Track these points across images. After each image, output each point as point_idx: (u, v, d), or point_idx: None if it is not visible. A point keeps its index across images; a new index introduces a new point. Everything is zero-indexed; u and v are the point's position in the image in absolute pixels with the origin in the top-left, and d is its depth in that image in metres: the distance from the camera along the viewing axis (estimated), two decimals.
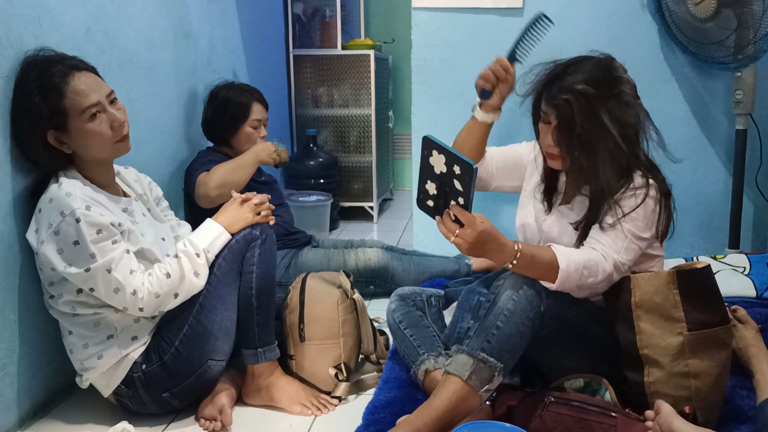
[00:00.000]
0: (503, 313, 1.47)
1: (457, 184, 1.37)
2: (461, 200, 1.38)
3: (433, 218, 1.45)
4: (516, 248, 1.44)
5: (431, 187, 1.43)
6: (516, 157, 1.88)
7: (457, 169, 1.35)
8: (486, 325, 1.48)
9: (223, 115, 2.52)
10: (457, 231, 1.39)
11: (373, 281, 2.58)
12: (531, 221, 1.76)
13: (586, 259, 1.49)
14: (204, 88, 2.70)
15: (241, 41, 3.27)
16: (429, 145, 1.40)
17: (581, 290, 1.51)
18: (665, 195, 1.57)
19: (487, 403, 1.58)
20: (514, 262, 1.45)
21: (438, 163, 1.39)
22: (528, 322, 1.48)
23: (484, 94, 1.81)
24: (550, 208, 1.73)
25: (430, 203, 1.45)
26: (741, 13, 2.26)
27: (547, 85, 1.59)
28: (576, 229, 1.61)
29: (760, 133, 2.65)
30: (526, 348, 1.50)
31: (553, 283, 1.48)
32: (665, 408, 1.36)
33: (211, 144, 2.62)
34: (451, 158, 1.36)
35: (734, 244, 2.65)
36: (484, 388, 1.45)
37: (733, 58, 2.44)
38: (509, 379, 1.67)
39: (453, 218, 1.39)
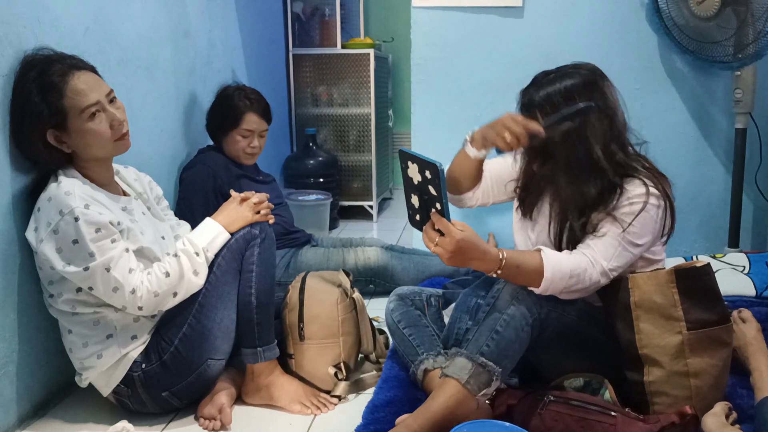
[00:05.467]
0: (503, 317, 1.47)
1: (432, 190, 1.32)
2: (438, 206, 1.33)
3: (422, 231, 1.41)
4: (501, 257, 1.41)
5: (415, 201, 1.39)
6: (506, 167, 1.82)
7: (428, 174, 1.31)
8: (485, 328, 1.47)
9: (217, 113, 2.53)
10: (437, 240, 1.33)
11: (372, 280, 2.58)
12: (523, 233, 1.74)
13: (573, 266, 1.46)
14: (203, 86, 2.70)
15: (241, 40, 3.26)
16: (404, 157, 1.36)
17: (566, 295, 1.49)
18: (669, 202, 1.54)
19: (487, 402, 1.58)
20: (499, 271, 1.42)
21: (414, 173, 1.36)
22: (527, 327, 1.48)
23: (500, 150, 1.70)
24: (530, 215, 1.69)
25: (418, 217, 1.41)
26: (742, 12, 2.26)
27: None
28: (554, 235, 1.61)
29: (759, 132, 2.65)
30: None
31: (537, 288, 1.47)
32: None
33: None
34: (421, 165, 1.32)
35: (734, 243, 2.65)
36: (482, 392, 1.45)
37: (734, 57, 2.44)
38: (507, 379, 1.67)
39: (434, 227, 1.34)
